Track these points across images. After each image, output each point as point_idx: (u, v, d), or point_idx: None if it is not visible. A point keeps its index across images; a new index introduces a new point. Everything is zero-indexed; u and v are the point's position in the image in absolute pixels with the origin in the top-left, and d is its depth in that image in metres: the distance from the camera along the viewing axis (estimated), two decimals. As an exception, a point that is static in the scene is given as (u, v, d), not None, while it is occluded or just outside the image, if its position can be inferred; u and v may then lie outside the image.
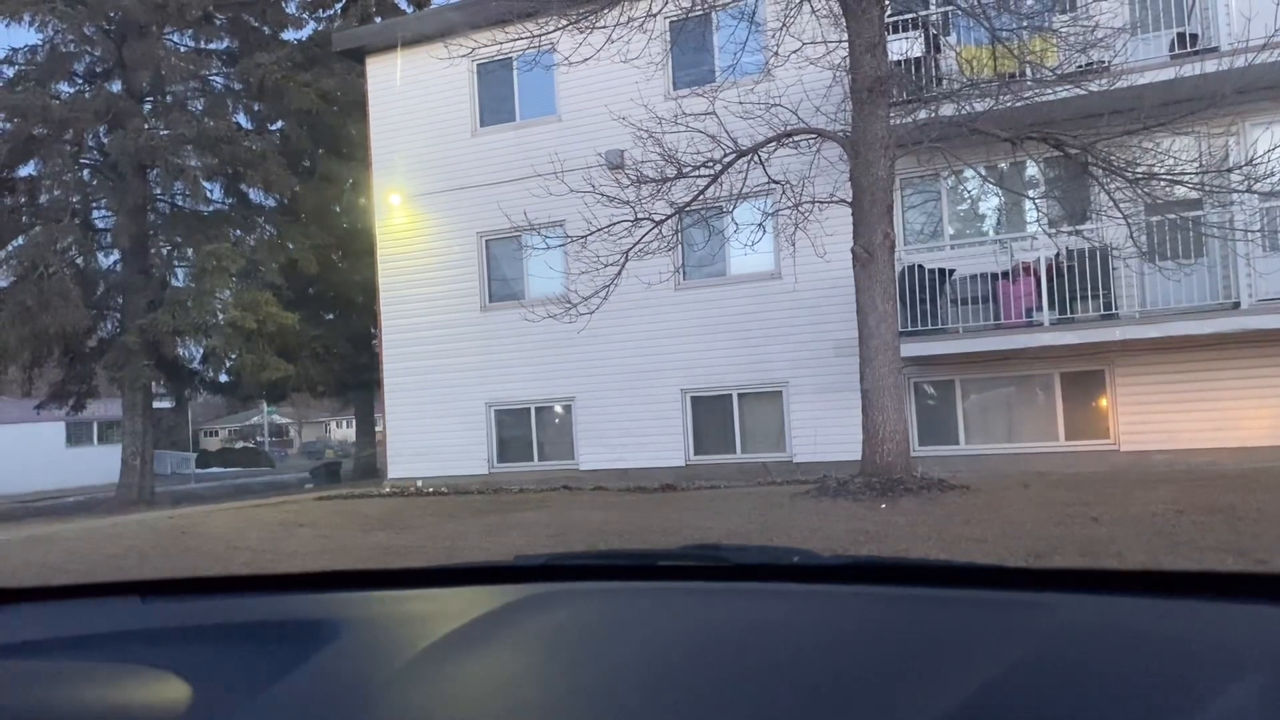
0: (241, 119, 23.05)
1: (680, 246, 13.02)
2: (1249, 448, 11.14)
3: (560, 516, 9.78)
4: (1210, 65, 10.57)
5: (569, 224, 12.79)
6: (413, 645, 1.11)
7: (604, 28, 10.46)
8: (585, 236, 10.85)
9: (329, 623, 1.20)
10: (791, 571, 1.31)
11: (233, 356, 21.28)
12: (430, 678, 1.04)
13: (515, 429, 15.37)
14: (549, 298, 13.88)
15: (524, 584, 1.30)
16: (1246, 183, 9.87)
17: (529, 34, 11.19)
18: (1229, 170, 9.99)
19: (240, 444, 55.19)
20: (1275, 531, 6.31)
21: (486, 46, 12.62)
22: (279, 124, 23.49)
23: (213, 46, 23.05)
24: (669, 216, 10.68)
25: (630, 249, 10.75)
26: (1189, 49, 11.18)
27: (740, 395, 14.03)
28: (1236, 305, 10.93)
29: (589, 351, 14.24)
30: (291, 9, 24.36)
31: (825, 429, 12.85)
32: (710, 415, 14.21)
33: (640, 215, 10.56)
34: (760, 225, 11.31)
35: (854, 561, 1.37)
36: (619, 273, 10.76)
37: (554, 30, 10.83)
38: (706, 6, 10.73)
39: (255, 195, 22.87)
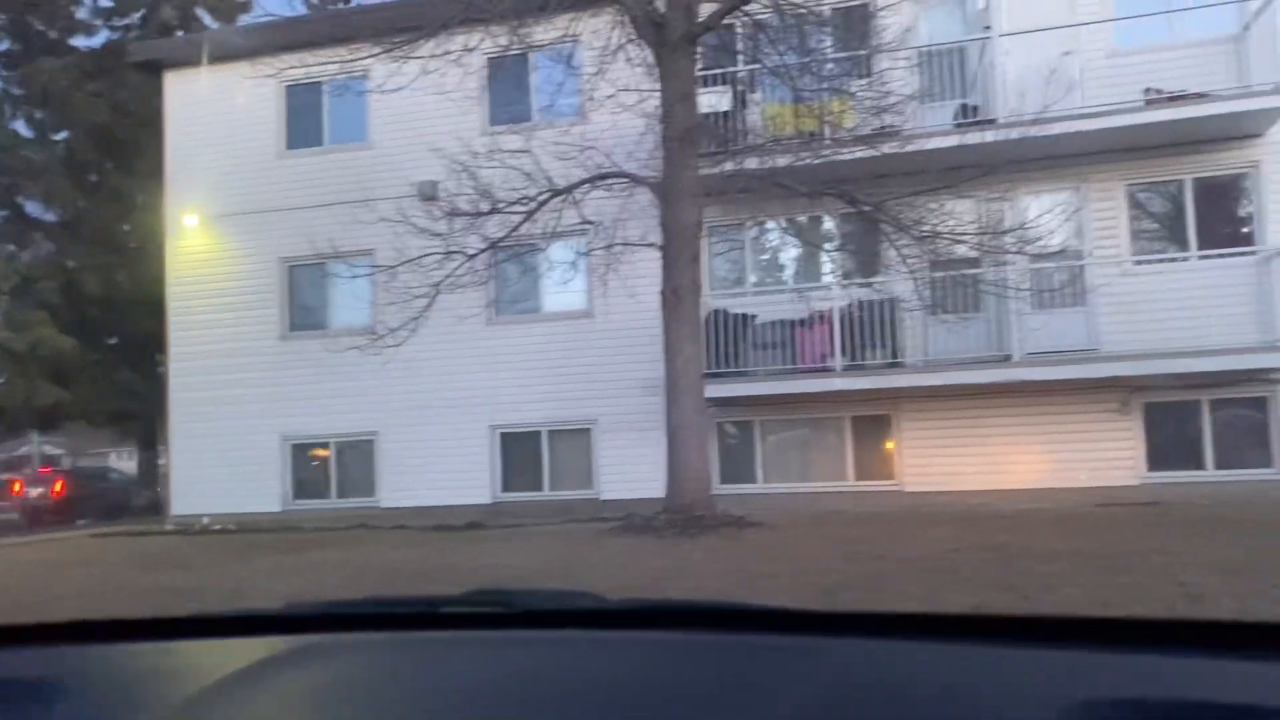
0: (21, 127, 21.35)
1: (493, 281, 12.95)
2: (1018, 489, 12.01)
3: (356, 557, 9.44)
4: (989, 135, 11.49)
5: (378, 253, 12.51)
6: (162, 705, 1.01)
7: (419, 58, 10.35)
8: (394, 267, 10.63)
9: (63, 681, 1.08)
10: (580, 617, 1.29)
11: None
12: None
13: (313, 464, 14.76)
14: (354, 328, 13.50)
15: (294, 634, 1.22)
16: (1018, 245, 10.74)
17: (340, 59, 10.92)
18: (1003, 233, 10.85)
19: (4, 476, 50.40)
20: (1042, 568, 6.79)
21: (295, 68, 12.23)
22: (63, 134, 21.90)
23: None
24: (482, 250, 10.62)
25: (441, 282, 10.60)
26: (971, 119, 12.11)
27: (550, 432, 14.01)
28: (1008, 358, 11.83)
29: (395, 385, 13.90)
30: (83, 15, 22.86)
31: (632, 466, 12.98)
32: (519, 452, 14.11)
33: (452, 248, 10.45)
34: (573, 264, 11.40)
35: (644, 606, 1.37)
36: (428, 305, 10.59)
37: (366, 57, 10.63)
38: (523, 46, 10.80)
39: (32, 209, 21.17)
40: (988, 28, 12.30)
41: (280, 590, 7.35)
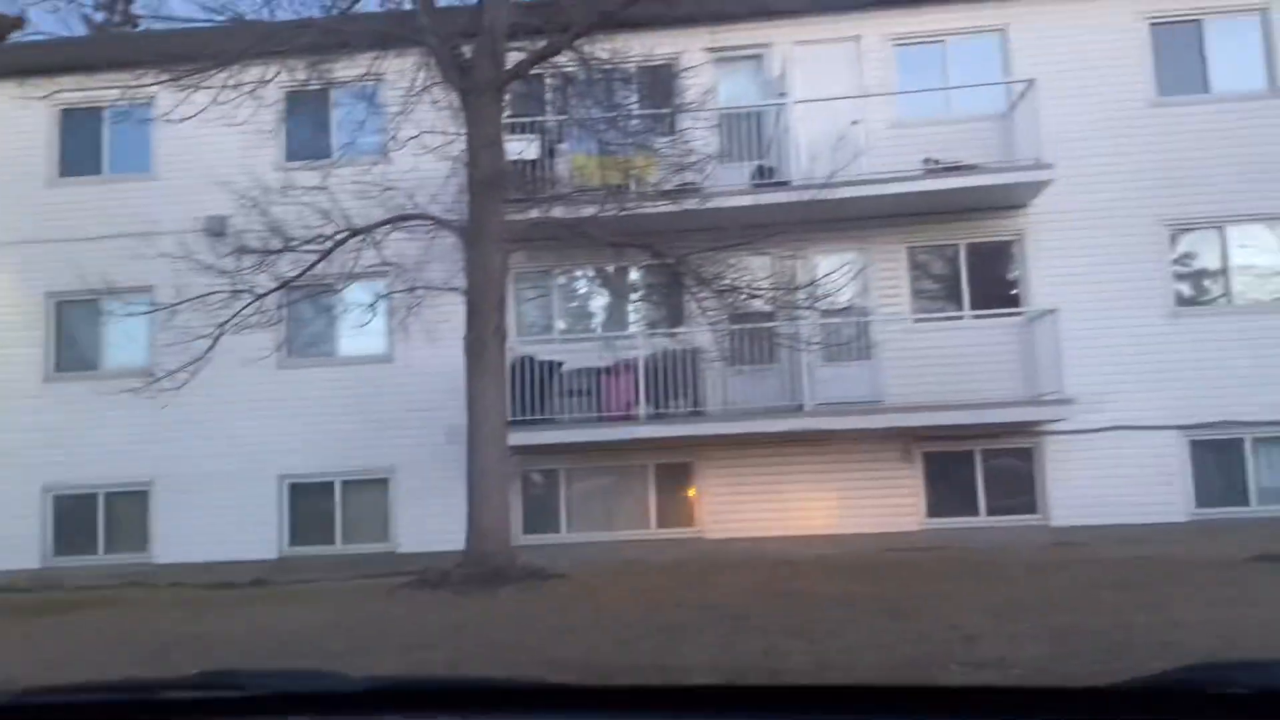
0: None
1: (285, 323, 12.38)
2: (811, 535, 12.43)
3: (120, 620, 8.67)
4: (783, 196, 12.02)
5: (158, 291, 11.74)
6: None
7: (210, 88, 9.85)
8: (175, 305, 9.98)
9: None
10: (319, 700, 1.16)
11: None
12: None
13: (80, 516, 13.56)
14: (129, 370, 12.59)
15: None
16: (809, 301, 11.20)
17: (123, 84, 10.26)
18: (796, 289, 11.30)
19: None
20: (830, 613, 6.99)
21: (71, 91, 11.40)
22: None
23: None
24: (272, 290, 10.13)
25: (227, 322, 10.03)
26: (767, 180, 12.64)
27: (344, 483, 13.45)
28: (800, 408, 12.29)
29: (173, 431, 13.02)
30: None
31: (433, 518, 12.61)
32: (310, 503, 13.47)
33: (240, 287, 9.92)
34: (372, 307, 11.05)
35: (392, 684, 1.25)
36: (211, 346, 9.98)
37: (151, 84, 10.03)
38: (323, 82, 10.49)
39: None
40: (783, 94, 12.91)
41: (23, 661, 6.64)
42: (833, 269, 12.06)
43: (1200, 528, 12.10)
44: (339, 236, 10.04)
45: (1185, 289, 13.09)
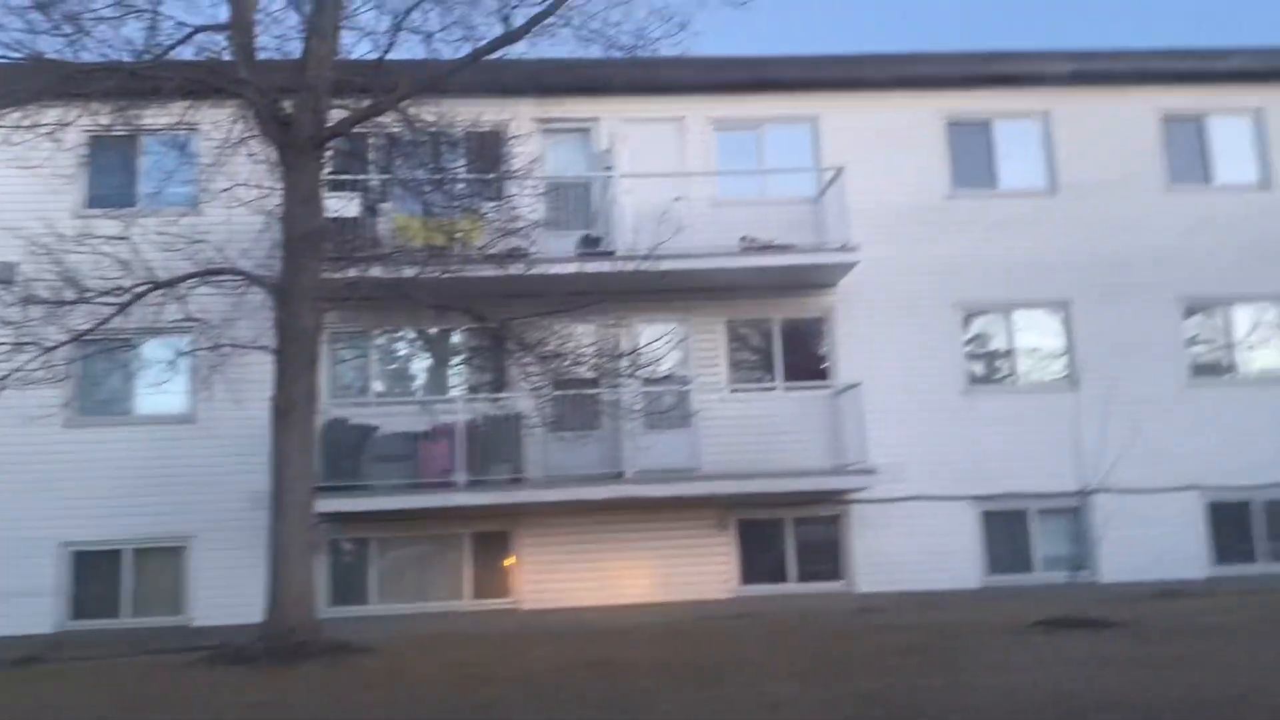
0: None
1: (76, 379, 11.57)
2: (628, 604, 12.45)
3: None
4: (607, 266, 12.21)
5: (-73, 341, 10.74)
6: None
7: (3, 126, 9.22)
8: (-52, 357, 9.15)
9: None
10: None
11: None
12: None
13: None
14: (-111, 427, 11.44)
15: None
16: (632, 369, 11.36)
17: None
18: (618, 357, 11.44)
19: None
20: (642, 684, 6.98)
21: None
22: None
23: None
24: (61, 344, 9.44)
25: (8, 376, 9.26)
26: (593, 249, 12.83)
27: (136, 550, 12.57)
28: (621, 475, 12.38)
29: (-61, 494, 11.86)
30: None
31: (234, 589, 11.88)
32: (96, 573, 12.49)
33: (25, 339, 9.20)
34: (173, 364, 10.47)
35: None
36: (-11, 403, 9.19)
37: (-69, 119, 9.30)
38: (131, 128, 10.00)
39: None
40: (609, 168, 13.22)
41: None
42: (654, 338, 12.28)
43: (990, 593, 12.84)
44: (139, 289, 9.50)
45: (977, 368, 14.06)
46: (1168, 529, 13.33)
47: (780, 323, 13.76)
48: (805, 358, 13.82)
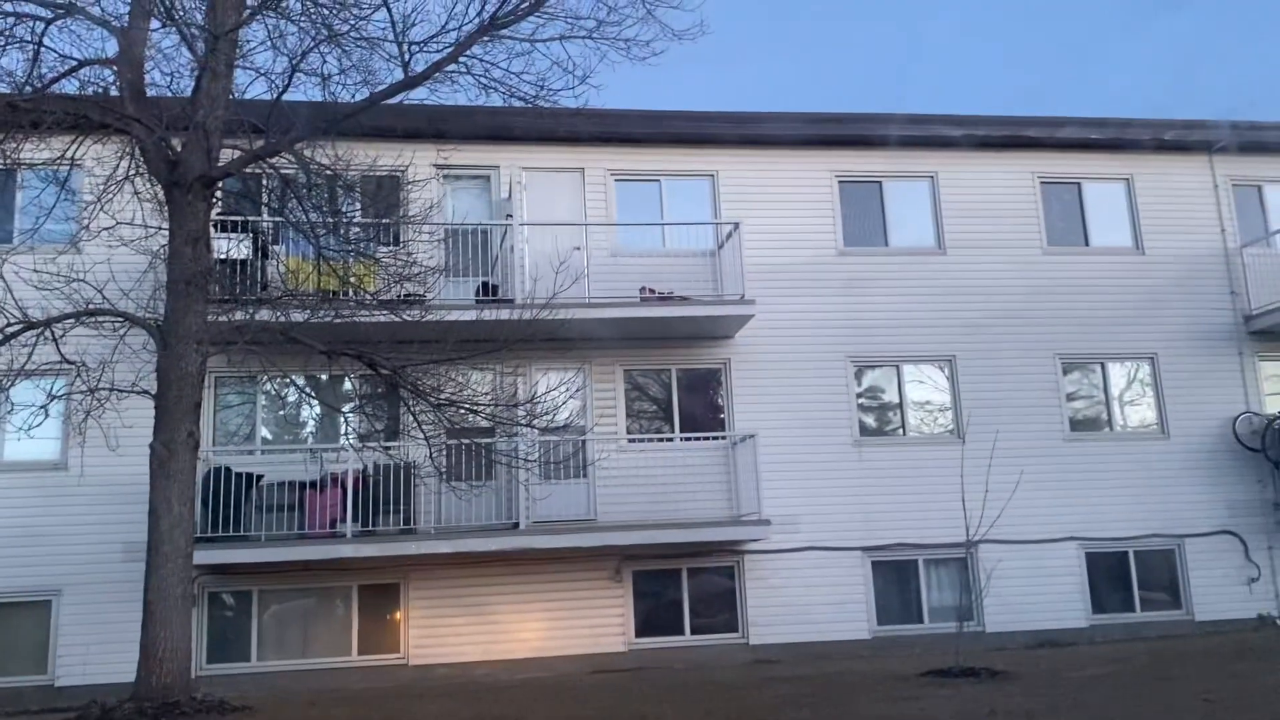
0: None
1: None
2: (520, 659, 12.23)
3: None
4: (505, 314, 12.13)
5: None
6: None
7: None
8: None
9: None
10: None
11: None
12: None
13: None
14: None
15: None
16: (528, 418, 11.26)
17: None
18: (515, 405, 11.34)
19: None
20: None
21: None
22: None
23: None
24: (-78, 385, 8.92)
25: None
26: (491, 297, 12.75)
27: (-6, 606, 11.82)
28: (516, 525, 12.21)
29: None
30: None
31: (106, 646, 11.29)
32: (-51, 630, 11.70)
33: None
34: (44, 408, 9.95)
35: None
36: None
37: None
38: (8, 161, 9.58)
39: None
40: (509, 216, 13.20)
41: None
42: (552, 387, 12.23)
43: (881, 644, 13.01)
44: (10, 329, 9.06)
45: (868, 420, 14.35)
46: (1049, 579, 13.76)
47: (678, 372, 13.86)
48: (702, 408, 13.93)
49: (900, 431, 14.35)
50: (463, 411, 10.96)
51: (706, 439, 13.50)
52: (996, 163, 15.18)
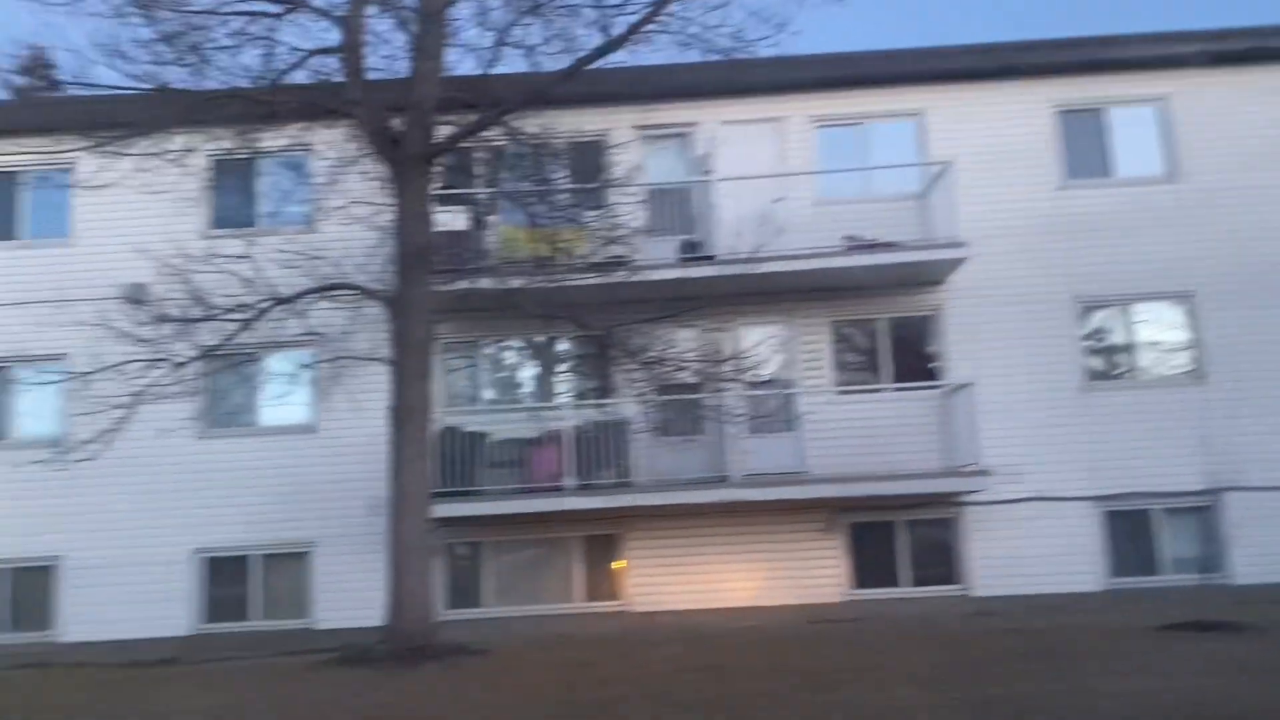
0: None
1: (204, 393, 12.14)
2: (736, 607, 12.43)
3: (20, 701, 8.26)
4: (709, 271, 12.24)
5: (72, 358, 11.45)
6: None
7: (133, 155, 9.75)
8: (90, 374, 9.72)
9: None
10: None
11: None
12: None
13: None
14: (39, 440, 12.20)
15: None
16: (735, 373, 11.35)
17: (43, 149, 10.12)
18: (721, 361, 11.45)
19: None
20: (757, 687, 6.97)
21: (-12, 155, 11.20)
22: None
23: None
24: (192, 359, 9.93)
25: (143, 391, 9.79)
26: (693, 254, 12.86)
27: (261, 556, 13.09)
28: (725, 479, 12.38)
29: (85, 503, 12.58)
30: None
31: (355, 592, 12.31)
32: (226, 577, 13.06)
33: (158, 355, 9.71)
34: (295, 376, 10.89)
35: None
36: (126, 416, 9.71)
37: (72, 150, 9.90)
38: (250, 151, 10.46)
39: None
40: (708, 172, 13.24)
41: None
42: (757, 342, 12.26)
43: (1113, 597, 12.39)
44: (262, 305, 9.93)
45: (1095, 364, 13.57)
46: (1307, 528, 12.66)
47: (887, 322, 13.55)
48: (913, 357, 13.57)
49: (1131, 374, 13.51)
50: (670, 369, 11.17)
51: (919, 389, 13.17)
52: (1241, 81, 13.80)
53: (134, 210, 12.47)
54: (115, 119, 9.68)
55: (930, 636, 9.51)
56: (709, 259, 12.49)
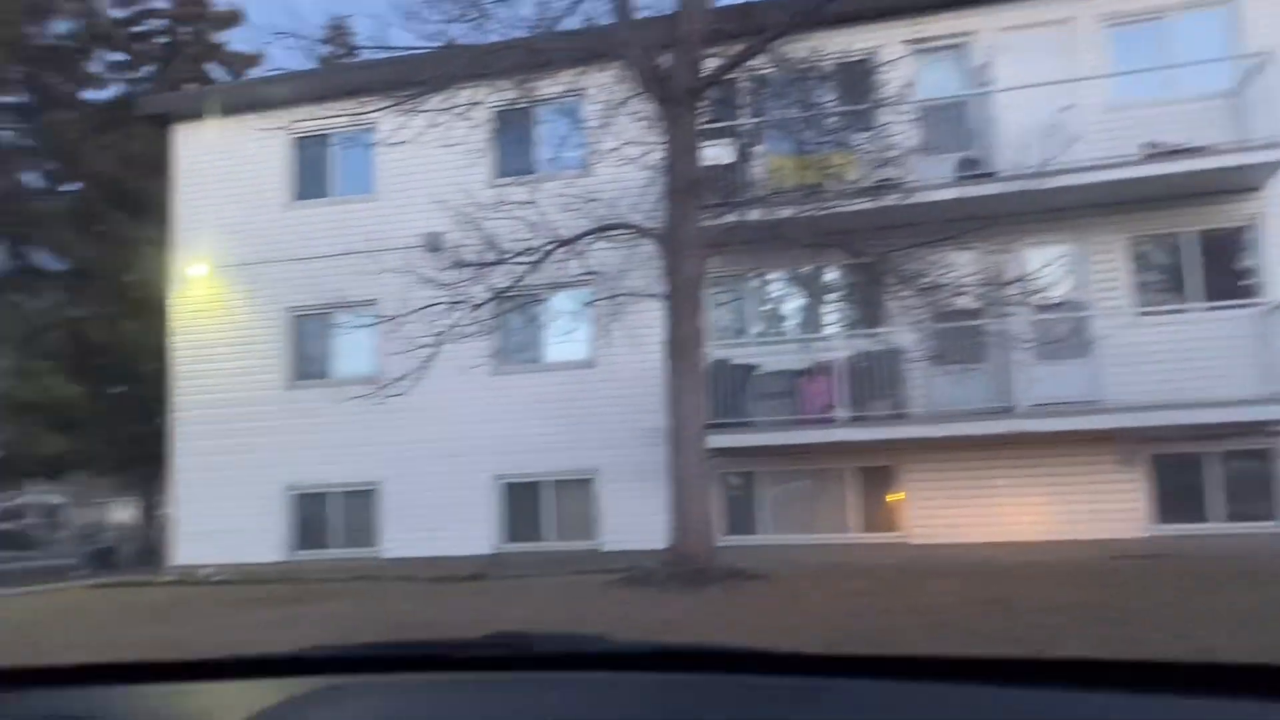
0: (33, 178, 21.64)
1: (497, 331, 13.00)
2: (1023, 541, 11.93)
3: (360, 607, 9.37)
4: (990, 188, 11.59)
5: (382, 303, 12.60)
6: None
7: (426, 111, 10.50)
8: (399, 317, 10.68)
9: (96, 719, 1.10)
10: (597, 659, 1.30)
11: (3, 430, 19.56)
12: None
13: (316, 513, 14.69)
14: (358, 378, 13.54)
15: (312, 676, 1.23)
16: (1020, 297, 10.77)
17: (349, 112, 11.08)
18: (1005, 285, 10.89)
19: (2, 526, 50.32)
20: (1047, 621, 6.73)
21: (304, 120, 12.40)
22: (75, 185, 22.17)
23: (4, 100, 21.65)
24: (486, 301, 10.67)
25: (445, 331, 10.64)
26: (972, 172, 12.22)
27: (552, 483, 13.97)
28: (1011, 409, 11.81)
29: (398, 435, 13.89)
30: (96, 69, 23.25)
31: (635, 517, 12.91)
32: (522, 502, 14.06)
33: (457, 298, 10.51)
34: (576, 314, 11.45)
35: (658, 648, 1.37)
36: (432, 355, 10.61)
37: (374, 110, 10.78)
38: (529, 100, 10.96)
39: (42, 259, 21.38)
40: (987, 83, 12.47)
41: (280, 644, 7.29)
42: (1045, 263, 11.54)
43: None
44: (546, 248, 10.47)
45: None
46: None
47: (1193, 236, 12.32)
48: (1225, 273, 12.28)
49: None
50: (948, 294, 10.77)
51: (1231, 308, 11.94)
52: None
53: (429, 164, 13.43)
54: (409, 78, 10.44)
55: (1244, 575, 8.75)
56: (989, 176, 11.83)
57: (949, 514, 12.46)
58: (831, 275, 12.98)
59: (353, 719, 1.12)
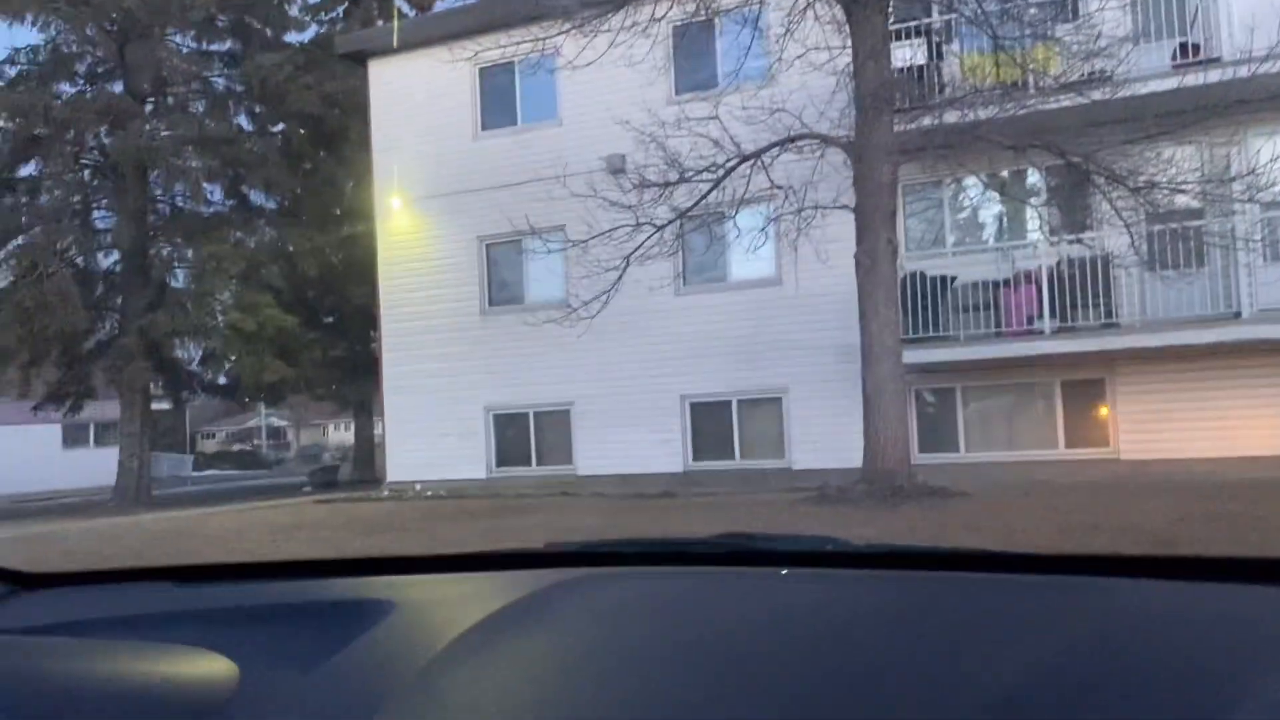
0: (242, 121, 23.09)
1: (681, 252, 13.01)
2: (1249, 457, 11.09)
3: (560, 521, 9.76)
4: (1213, 75, 10.57)
5: (570, 228, 12.81)
6: (453, 627, 1.11)
7: (608, 31, 10.46)
8: (586, 241, 10.84)
9: (370, 605, 1.21)
10: (823, 559, 1.31)
11: (231, 358, 21.29)
12: (470, 659, 1.05)
13: (514, 433, 15.33)
14: (549, 302, 13.90)
15: (558, 569, 1.30)
16: (1249, 192, 9.87)
17: (532, 38, 11.19)
18: (1231, 180, 9.99)
19: (237, 447, 55.15)
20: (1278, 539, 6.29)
21: (489, 50, 12.62)
22: (280, 126, 23.51)
23: (214, 48, 23.08)
24: (670, 221, 10.68)
25: (631, 254, 10.74)
26: (1191, 59, 11.18)
27: (740, 402, 14.00)
28: (1237, 315, 10.92)
29: (589, 357, 14.21)
30: (294, 12, 24.40)
31: (825, 436, 12.80)
32: (709, 421, 14.19)
33: (641, 220, 10.56)
34: (762, 230, 11.29)
35: (888, 549, 1.37)
36: (619, 278, 10.75)
37: (557, 34, 10.84)
38: (710, 12, 10.74)
39: (255, 197, 22.90)
40: (1212, -44, 11.30)
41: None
42: (1276, 155, 10.48)
43: None
44: (730, 164, 10.33)
45: None
46: None
47: None
48: None
49: None
50: (1165, 193, 9.99)
51: None
52: None
53: (610, 86, 13.43)
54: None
55: None
56: (1212, 62, 10.79)
57: (1164, 428, 11.72)
58: (1034, 178, 12.25)
59: (601, 606, 1.19)
